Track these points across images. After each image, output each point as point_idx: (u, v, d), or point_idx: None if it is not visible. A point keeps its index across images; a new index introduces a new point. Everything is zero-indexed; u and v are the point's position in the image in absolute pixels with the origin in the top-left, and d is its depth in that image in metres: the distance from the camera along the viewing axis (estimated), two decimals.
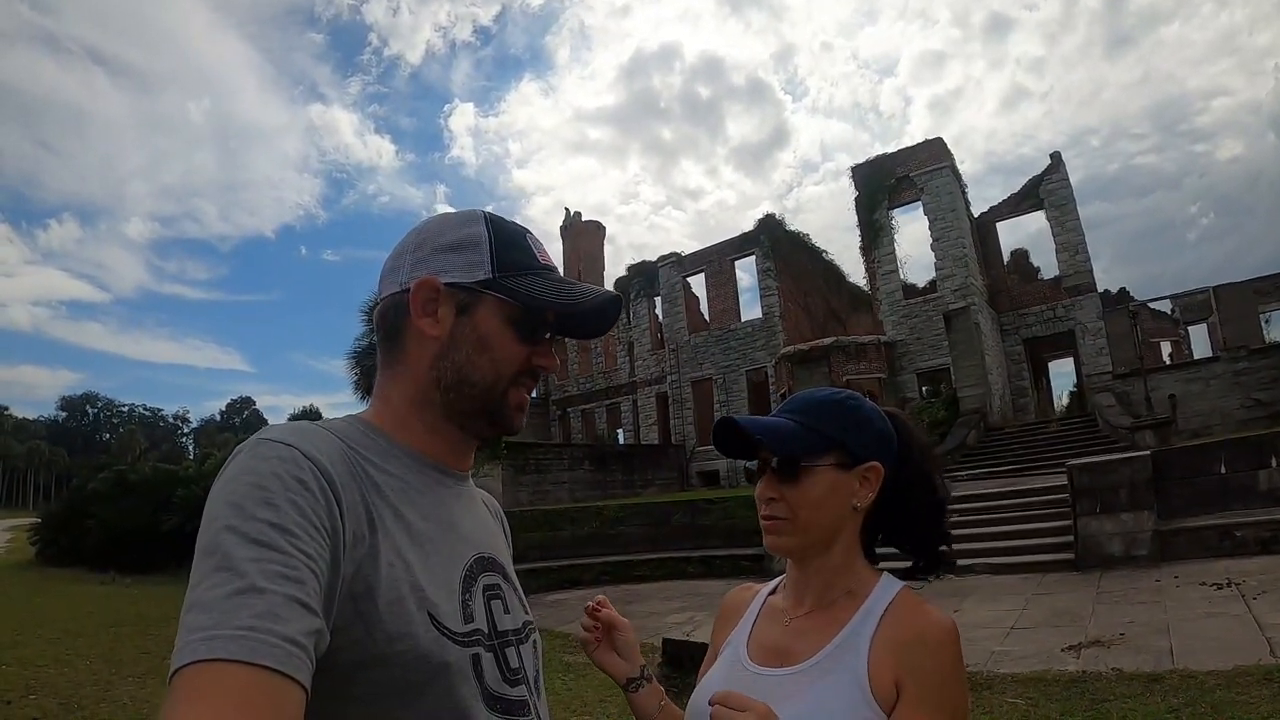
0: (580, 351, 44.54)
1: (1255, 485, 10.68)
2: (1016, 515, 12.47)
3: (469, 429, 1.07)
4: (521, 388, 1.07)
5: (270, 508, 0.79)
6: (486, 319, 1.04)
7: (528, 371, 1.07)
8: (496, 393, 1.05)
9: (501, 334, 1.04)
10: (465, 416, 1.05)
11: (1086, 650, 6.55)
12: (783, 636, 1.25)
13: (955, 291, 27.67)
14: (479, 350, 1.03)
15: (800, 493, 1.21)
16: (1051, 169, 29.20)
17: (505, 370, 1.05)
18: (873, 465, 1.24)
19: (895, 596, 1.20)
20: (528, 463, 25.39)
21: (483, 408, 1.05)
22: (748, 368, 34.25)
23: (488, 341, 1.04)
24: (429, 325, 1.03)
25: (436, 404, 1.04)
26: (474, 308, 1.04)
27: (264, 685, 0.68)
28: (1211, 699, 5.00)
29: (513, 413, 1.07)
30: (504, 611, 1.05)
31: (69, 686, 7.60)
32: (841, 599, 1.22)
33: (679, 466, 34.32)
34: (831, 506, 1.22)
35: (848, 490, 1.23)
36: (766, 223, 35.10)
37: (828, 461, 1.22)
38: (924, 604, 1.19)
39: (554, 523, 16.60)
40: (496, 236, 1.07)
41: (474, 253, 1.05)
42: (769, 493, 1.24)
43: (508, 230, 1.09)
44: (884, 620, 1.16)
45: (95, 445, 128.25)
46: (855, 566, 1.26)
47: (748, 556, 12.93)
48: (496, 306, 1.04)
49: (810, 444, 1.22)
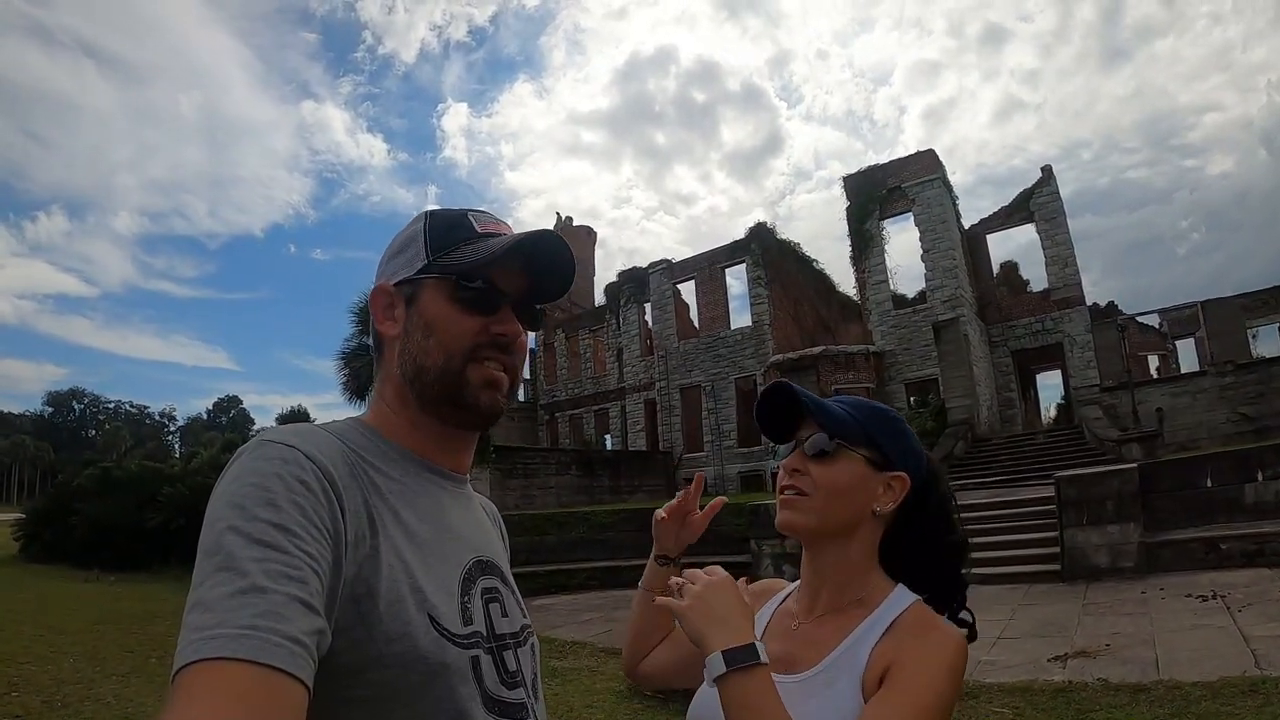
0: (570, 357, 44.60)
1: (1241, 499, 10.75)
2: (1003, 526, 12.49)
3: (442, 417, 1.06)
4: (482, 363, 1.05)
5: (273, 508, 0.80)
6: (429, 302, 1.05)
7: (487, 344, 1.05)
8: (451, 373, 1.03)
9: (444, 312, 1.04)
10: (433, 405, 1.05)
11: (1073, 660, 6.57)
12: (790, 643, 1.24)
13: (945, 303, 27.81)
14: (425, 334, 1.04)
15: (828, 473, 1.22)
16: (1042, 182, 29.37)
17: (455, 346, 1.04)
18: (900, 475, 1.24)
19: (908, 608, 1.18)
20: (515, 466, 25.39)
21: (442, 391, 1.04)
22: (737, 375, 34.28)
23: (433, 324, 1.04)
24: (389, 327, 1.08)
25: (411, 399, 1.05)
26: (417, 297, 1.06)
27: (267, 684, 0.68)
28: (1196, 710, 5.03)
29: (477, 391, 1.04)
30: (502, 615, 1.05)
31: (52, 684, 7.53)
32: (852, 606, 1.21)
33: (666, 473, 34.32)
34: (853, 498, 1.22)
35: (872, 490, 1.23)
36: (758, 231, 35.21)
37: (861, 453, 1.23)
38: (937, 618, 1.17)
39: (541, 527, 16.56)
40: (432, 225, 1.08)
41: (413, 247, 1.08)
42: (796, 465, 1.25)
43: (445, 216, 1.10)
44: (890, 631, 1.14)
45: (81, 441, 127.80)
46: (871, 575, 1.24)
47: (734, 563, 12.93)
48: (435, 287, 1.05)
49: (852, 432, 1.23)
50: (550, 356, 45.88)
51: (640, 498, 29.82)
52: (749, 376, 33.59)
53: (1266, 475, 10.74)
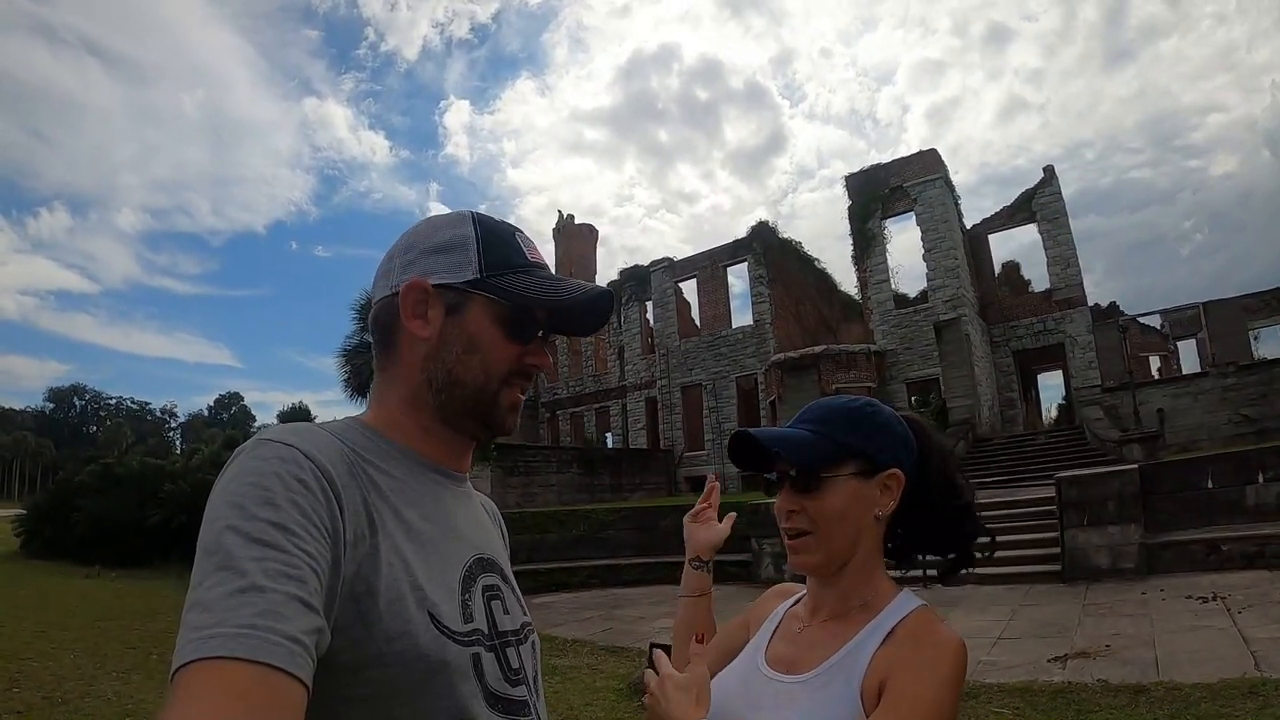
0: (571, 354, 44.52)
1: (1242, 500, 10.75)
2: (1004, 526, 12.45)
3: (462, 430, 1.07)
4: (514, 388, 1.06)
5: (271, 507, 0.80)
6: (475, 319, 1.04)
7: (520, 371, 1.06)
8: (488, 394, 1.04)
9: (491, 334, 1.04)
10: (458, 417, 1.05)
11: (1073, 661, 6.57)
12: (794, 644, 1.24)
13: (946, 302, 27.83)
14: (469, 351, 1.03)
15: (821, 504, 1.20)
16: (1044, 182, 29.40)
17: (496, 370, 1.04)
18: (893, 473, 1.22)
19: (910, 614, 1.17)
20: (516, 464, 25.39)
21: (474, 409, 1.05)
22: (738, 374, 34.33)
23: (477, 342, 1.03)
24: (419, 327, 1.04)
25: (429, 405, 1.04)
26: (462, 308, 1.04)
27: (266, 682, 0.68)
28: (1196, 711, 5.03)
29: (505, 413, 1.07)
30: (503, 612, 1.05)
31: (52, 680, 7.54)
32: (855, 611, 1.21)
33: (667, 471, 34.38)
34: (854, 517, 1.21)
35: (869, 500, 1.21)
36: (759, 230, 35.22)
37: (848, 471, 1.20)
38: (938, 623, 1.16)
39: (542, 525, 16.58)
40: (484, 236, 1.06)
41: (461, 253, 1.05)
42: (789, 505, 1.22)
43: (496, 229, 1.08)
44: (892, 636, 1.14)
45: (82, 437, 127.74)
46: (874, 579, 1.24)
47: (735, 562, 12.94)
48: (485, 306, 1.04)
49: (828, 454, 1.20)
50: (552, 354, 45.64)
51: (641, 496, 29.87)
52: (750, 375, 33.65)
53: (1267, 477, 10.74)
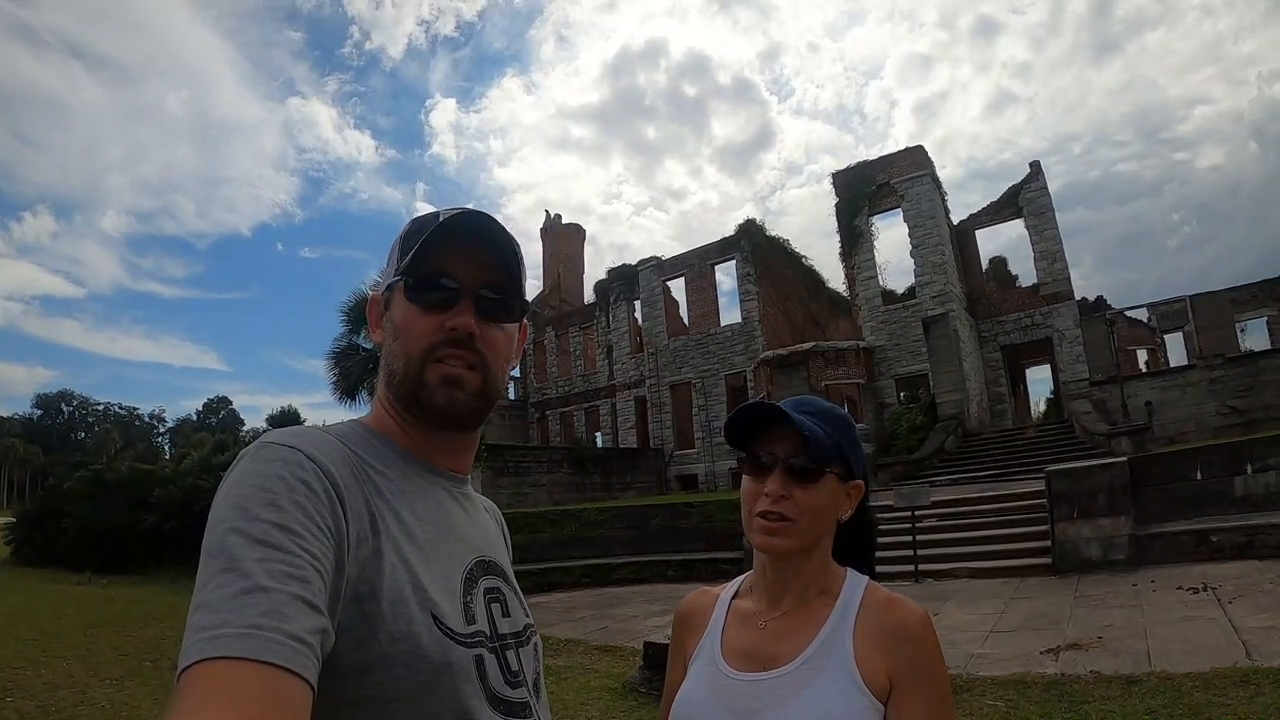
0: (560, 355, 44.55)
1: (1231, 491, 10.83)
2: (995, 520, 12.56)
3: (419, 419, 1.06)
4: (442, 362, 1.04)
5: (275, 509, 0.80)
6: (396, 306, 1.07)
7: (446, 341, 1.04)
8: (412, 374, 1.03)
9: (406, 313, 1.05)
10: (406, 407, 1.06)
11: (1065, 653, 6.61)
12: (760, 640, 1.26)
13: (934, 298, 27.91)
14: (394, 338, 1.06)
15: (811, 496, 1.24)
16: (1031, 178, 29.46)
17: (414, 348, 1.04)
18: (858, 483, 1.32)
19: (865, 590, 1.26)
20: (506, 465, 25.38)
21: (408, 393, 1.04)
22: (727, 372, 34.28)
23: (399, 327, 1.06)
24: (378, 335, 1.12)
25: (394, 402, 1.07)
26: (391, 302, 1.09)
27: (271, 682, 0.68)
28: (1189, 701, 5.06)
29: (435, 390, 1.03)
30: (504, 614, 1.06)
31: (46, 689, 7.49)
32: (817, 598, 1.26)
33: (657, 470, 34.42)
34: (828, 514, 1.28)
35: (840, 501, 1.29)
36: (747, 228, 35.18)
37: (835, 470, 1.27)
38: (894, 595, 1.25)
39: (534, 525, 16.59)
40: (407, 229, 1.10)
41: (393, 253, 1.10)
42: (780, 489, 1.24)
43: (420, 218, 1.10)
44: (861, 613, 1.22)
45: (71, 443, 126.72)
46: (829, 566, 1.31)
47: (727, 560, 12.96)
48: (400, 290, 1.06)
49: (829, 451, 1.26)
50: (541, 354, 45.76)
51: (632, 494, 29.91)
52: (739, 373, 33.58)
53: (1255, 468, 10.83)
